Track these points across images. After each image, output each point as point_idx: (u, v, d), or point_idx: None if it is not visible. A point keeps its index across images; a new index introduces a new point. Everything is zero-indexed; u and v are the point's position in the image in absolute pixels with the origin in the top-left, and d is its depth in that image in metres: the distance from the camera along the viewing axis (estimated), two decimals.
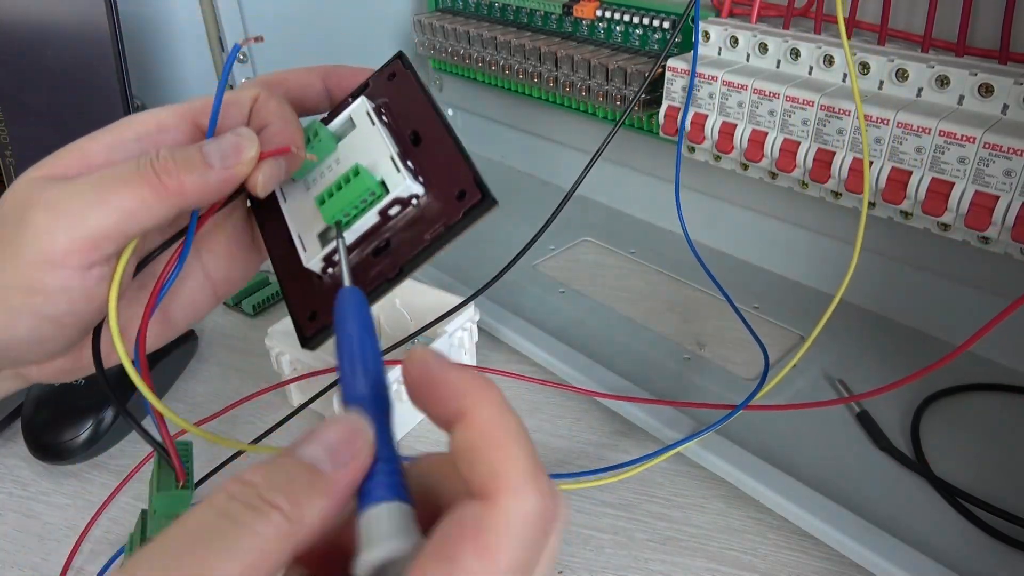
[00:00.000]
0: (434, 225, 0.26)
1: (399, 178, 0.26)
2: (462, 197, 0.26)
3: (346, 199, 0.26)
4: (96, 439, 0.44)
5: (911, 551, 0.35)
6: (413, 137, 0.28)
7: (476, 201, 0.26)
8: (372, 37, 0.79)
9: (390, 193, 0.26)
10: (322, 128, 0.29)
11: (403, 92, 0.30)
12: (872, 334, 0.52)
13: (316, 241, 0.27)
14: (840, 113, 0.43)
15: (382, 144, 0.28)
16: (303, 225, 0.28)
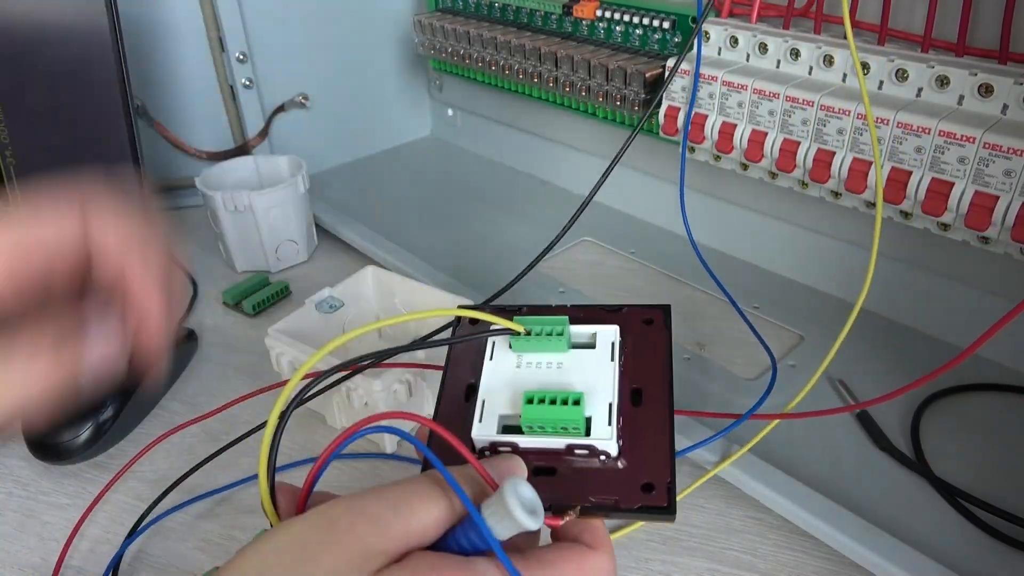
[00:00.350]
0: (606, 494, 0.25)
1: (606, 431, 0.26)
2: (648, 491, 0.26)
3: (551, 416, 0.26)
4: (96, 439, 0.44)
5: (911, 551, 0.35)
6: (635, 395, 0.28)
7: (659, 504, 0.25)
8: (372, 37, 0.79)
9: (589, 437, 0.26)
10: (568, 328, 0.29)
11: (650, 344, 0.30)
12: (872, 334, 0.52)
13: (495, 420, 0.27)
14: (840, 113, 0.43)
15: (609, 385, 0.28)
16: (493, 395, 0.28)
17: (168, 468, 0.44)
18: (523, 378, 0.28)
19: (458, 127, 0.85)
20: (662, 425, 0.27)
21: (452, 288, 0.52)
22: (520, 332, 0.29)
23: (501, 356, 0.29)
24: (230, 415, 0.48)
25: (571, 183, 0.74)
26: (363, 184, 0.77)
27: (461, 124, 0.84)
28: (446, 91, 0.83)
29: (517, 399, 0.27)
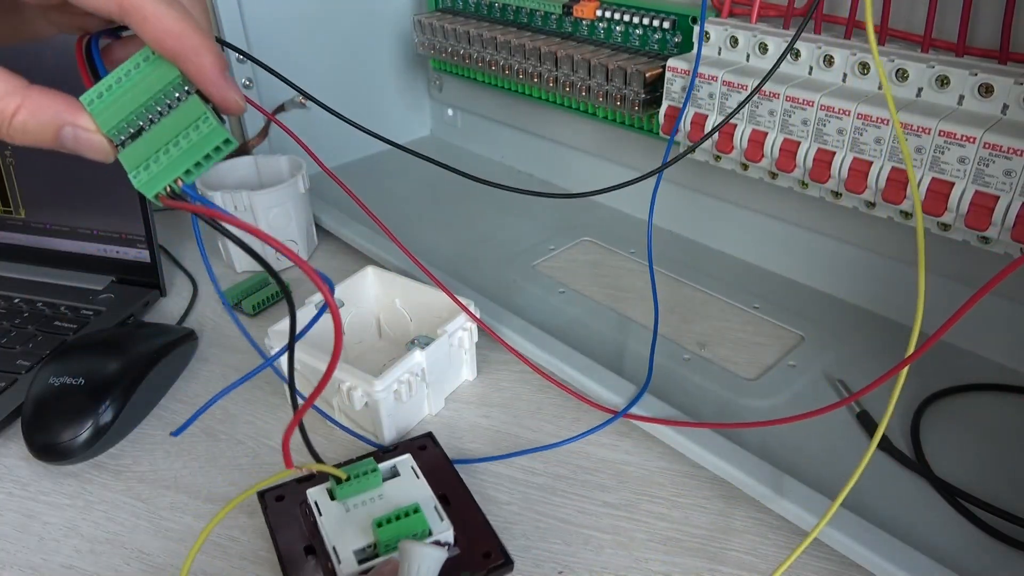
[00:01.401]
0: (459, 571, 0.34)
1: (442, 525, 0.35)
2: (487, 557, 0.35)
3: (403, 528, 0.33)
4: (96, 439, 0.44)
5: (911, 551, 0.35)
6: (442, 498, 0.38)
7: (499, 563, 0.35)
8: (372, 37, 0.79)
9: (432, 536, 0.34)
10: (377, 467, 0.37)
11: (432, 461, 0.41)
12: (872, 334, 0.52)
13: (352, 557, 0.33)
14: (840, 113, 0.43)
15: (428, 495, 0.36)
16: (339, 539, 0.34)
17: (167, 468, 0.44)
18: (359, 516, 0.35)
19: (458, 127, 0.85)
20: (475, 511, 0.38)
21: (452, 288, 0.52)
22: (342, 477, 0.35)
23: (328, 509, 0.35)
24: (230, 414, 0.48)
25: (571, 183, 0.74)
26: (363, 184, 0.77)
27: (461, 124, 0.84)
28: (446, 91, 0.83)
29: (362, 533, 0.34)
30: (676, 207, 0.64)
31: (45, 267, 0.61)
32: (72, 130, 0.24)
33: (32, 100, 0.23)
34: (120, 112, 0.25)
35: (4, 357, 0.51)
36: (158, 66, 0.24)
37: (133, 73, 0.25)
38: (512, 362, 0.52)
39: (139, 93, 0.25)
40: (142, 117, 0.25)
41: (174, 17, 0.23)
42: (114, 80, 0.25)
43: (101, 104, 0.25)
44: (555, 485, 0.42)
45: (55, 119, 0.23)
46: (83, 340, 0.49)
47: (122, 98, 0.24)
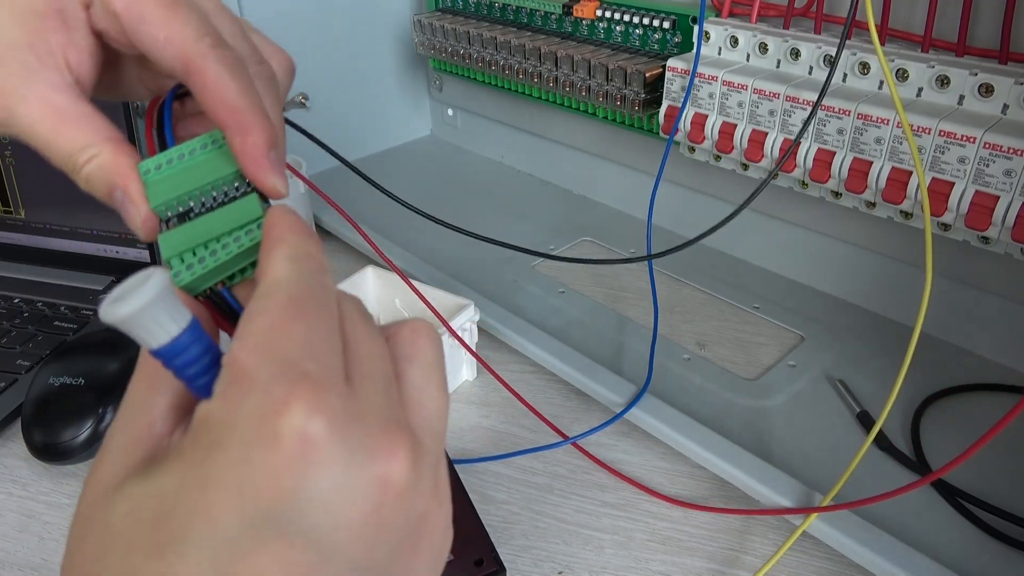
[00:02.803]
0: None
1: None
2: (479, 564, 0.35)
3: None
4: (96, 439, 0.44)
5: (911, 551, 0.35)
6: None
7: (492, 570, 0.35)
8: (372, 37, 0.79)
9: None
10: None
11: None
12: (872, 334, 0.52)
13: None
14: (840, 113, 0.43)
15: None
16: None
17: None
18: None
19: (458, 127, 0.85)
20: (472, 517, 0.37)
21: (452, 288, 0.52)
22: None
23: None
24: None
25: (571, 183, 0.74)
26: (363, 184, 0.77)
27: (461, 124, 0.84)
28: (446, 91, 0.83)
29: None
30: (676, 207, 0.64)
31: (45, 267, 0.61)
32: (121, 195, 0.24)
33: (104, 155, 0.23)
34: (173, 190, 0.23)
35: (4, 357, 0.51)
36: (225, 151, 0.23)
37: (198, 152, 0.23)
38: (512, 362, 0.52)
39: (198, 175, 0.23)
40: (195, 200, 0.23)
41: (235, 90, 0.23)
42: (176, 155, 0.24)
43: (157, 176, 0.23)
44: (554, 485, 0.42)
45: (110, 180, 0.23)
46: (83, 340, 0.49)
47: (179, 176, 0.23)
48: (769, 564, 0.37)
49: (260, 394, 0.16)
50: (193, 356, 0.18)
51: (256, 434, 0.16)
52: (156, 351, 0.18)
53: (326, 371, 0.17)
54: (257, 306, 0.18)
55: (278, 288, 0.19)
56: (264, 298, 0.18)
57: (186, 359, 0.18)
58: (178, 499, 0.16)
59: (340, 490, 0.16)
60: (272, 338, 0.17)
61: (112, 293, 0.17)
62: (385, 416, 0.18)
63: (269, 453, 0.16)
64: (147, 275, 0.17)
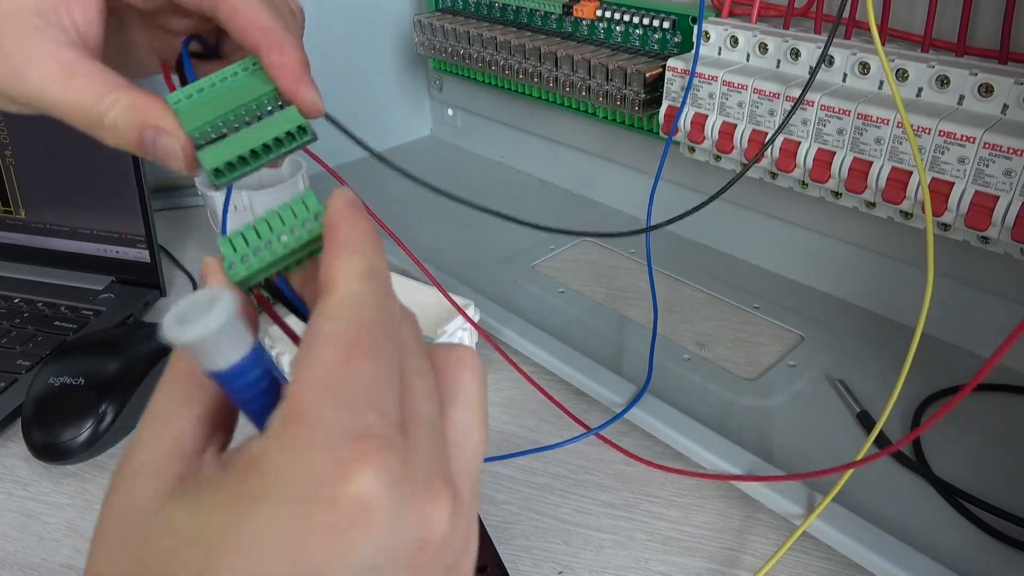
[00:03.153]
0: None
1: None
2: (483, 571, 0.34)
3: None
4: (96, 439, 0.44)
5: (911, 551, 0.35)
6: None
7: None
8: (372, 37, 0.79)
9: None
10: None
11: None
12: (872, 334, 0.52)
13: None
14: (840, 113, 0.43)
15: None
16: None
17: None
18: None
19: (458, 127, 0.85)
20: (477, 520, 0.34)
21: (452, 288, 0.52)
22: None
23: None
24: None
25: (571, 183, 0.74)
26: (363, 184, 0.77)
27: (461, 124, 0.84)
28: (446, 91, 0.83)
29: None
30: (676, 207, 0.64)
31: (45, 267, 0.61)
32: (153, 133, 0.23)
33: (125, 98, 0.23)
34: (207, 113, 0.23)
35: (4, 357, 0.51)
36: (256, 76, 0.24)
37: (228, 79, 0.24)
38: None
39: (231, 98, 0.24)
40: (228, 124, 0.24)
41: (264, 12, 0.24)
42: (207, 84, 0.24)
43: (188, 104, 0.24)
44: (554, 485, 0.43)
45: (140, 119, 0.23)
46: (83, 340, 0.49)
47: (212, 100, 0.23)
48: (769, 564, 0.37)
49: (323, 450, 0.16)
50: (252, 380, 0.18)
51: (315, 494, 0.15)
52: (215, 374, 0.17)
53: (389, 426, 0.17)
54: (325, 329, 0.17)
55: (348, 312, 0.18)
56: (332, 321, 0.17)
57: (244, 383, 0.18)
58: (224, 543, 0.15)
59: (385, 552, 0.16)
60: (339, 377, 0.17)
61: (176, 310, 0.16)
62: (432, 470, 0.17)
63: (325, 515, 0.15)
64: (213, 297, 0.16)
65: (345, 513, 0.15)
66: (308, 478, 0.15)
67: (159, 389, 0.19)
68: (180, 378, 0.19)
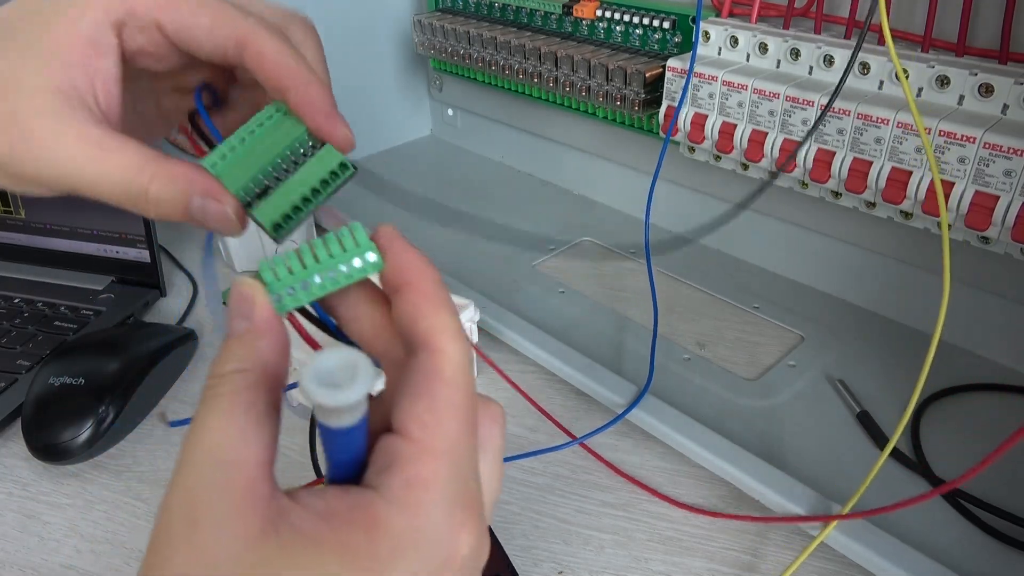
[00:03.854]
0: None
1: None
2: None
3: None
4: (96, 439, 0.44)
5: (911, 551, 0.35)
6: None
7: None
8: (372, 37, 0.79)
9: None
10: None
11: None
12: (872, 334, 0.52)
13: None
14: (840, 113, 0.43)
15: None
16: None
17: (168, 468, 0.44)
18: None
19: (458, 127, 0.85)
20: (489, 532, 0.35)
21: (451, 288, 0.52)
22: None
23: None
24: None
25: (571, 183, 0.74)
26: (363, 184, 0.77)
27: (461, 124, 0.84)
28: (446, 91, 0.83)
29: None
30: (676, 207, 0.64)
31: (45, 267, 0.61)
32: (201, 201, 0.23)
33: (164, 170, 0.23)
34: (247, 170, 0.24)
35: (4, 357, 0.51)
36: (284, 122, 0.24)
37: (257, 131, 0.24)
38: (512, 362, 0.52)
39: (265, 151, 0.24)
40: (269, 176, 0.24)
41: (291, 55, 0.24)
42: (236, 141, 0.24)
43: (225, 165, 0.24)
44: (554, 485, 0.43)
45: (185, 189, 0.23)
46: (83, 340, 0.49)
47: (247, 156, 0.24)
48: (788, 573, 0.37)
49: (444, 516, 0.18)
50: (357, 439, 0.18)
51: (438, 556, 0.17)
52: (335, 430, 0.18)
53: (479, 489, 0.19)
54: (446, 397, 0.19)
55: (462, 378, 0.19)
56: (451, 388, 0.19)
57: (349, 441, 0.18)
58: None
59: None
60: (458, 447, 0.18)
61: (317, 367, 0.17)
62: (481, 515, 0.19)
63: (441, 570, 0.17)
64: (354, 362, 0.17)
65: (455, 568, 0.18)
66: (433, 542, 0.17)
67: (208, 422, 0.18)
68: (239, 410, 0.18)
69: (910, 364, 0.49)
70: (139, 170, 0.23)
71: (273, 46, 0.24)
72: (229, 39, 0.24)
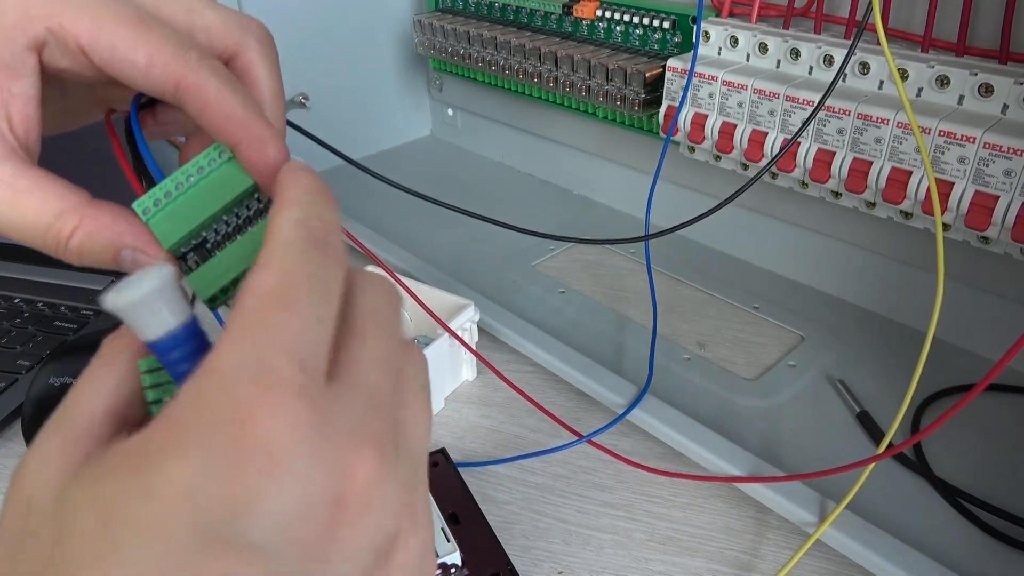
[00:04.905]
0: None
1: (449, 547, 0.34)
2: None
3: None
4: None
5: (911, 551, 0.35)
6: (451, 517, 0.37)
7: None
8: (372, 37, 0.79)
9: (439, 559, 0.34)
10: None
11: (443, 479, 0.40)
12: (872, 334, 0.52)
13: None
14: (840, 113, 0.43)
15: (435, 516, 0.35)
16: None
17: None
18: None
19: (458, 127, 0.85)
20: (485, 529, 0.37)
21: (451, 287, 0.52)
22: None
23: None
24: None
25: (571, 183, 0.74)
26: (363, 184, 0.77)
27: (461, 124, 0.84)
28: (446, 91, 0.83)
29: None
30: (676, 207, 0.64)
31: (45, 267, 0.61)
32: (131, 254, 0.21)
33: (89, 220, 0.21)
34: (184, 225, 0.21)
35: (4, 357, 0.51)
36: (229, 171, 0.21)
37: (197, 178, 0.21)
38: (512, 362, 0.52)
39: (207, 203, 0.21)
40: (209, 233, 0.21)
41: (239, 102, 0.21)
42: (173, 185, 0.21)
43: (161, 215, 0.21)
44: (554, 485, 0.43)
45: (113, 242, 0.21)
46: (83, 340, 0.49)
47: (186, 208, 0.21)
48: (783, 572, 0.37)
49: (224, 397, 0.15)
50: (187, 352, 0.17)
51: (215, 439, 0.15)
52: (152, 343, 0.17)
53: (303, 373, 0.16)
54: (251, 281, 0.17)
55: (275, 259, 0.17)
56: (260, 270, 0.17)
57: (180, 355, 0.17)
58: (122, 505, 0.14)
59: (296, 505, 0.15)
60: (253, 327, 0.16)
61: (119, 283, 0.17)
62: (359, 427, 0.16)
63: (224, 461, 0.14)
64: (151, 270, 0.17)
65: (247, 458, 0.14)
66: (209, 424, 0.15)
67: (76, 382, 0.18)
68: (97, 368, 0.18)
69: (910, 364, 0.49)
70: (58, 217, 0.20)
71: (216, 93, 0.21)
72: (167, 83, 0.21)
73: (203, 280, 0.21)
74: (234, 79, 0.21)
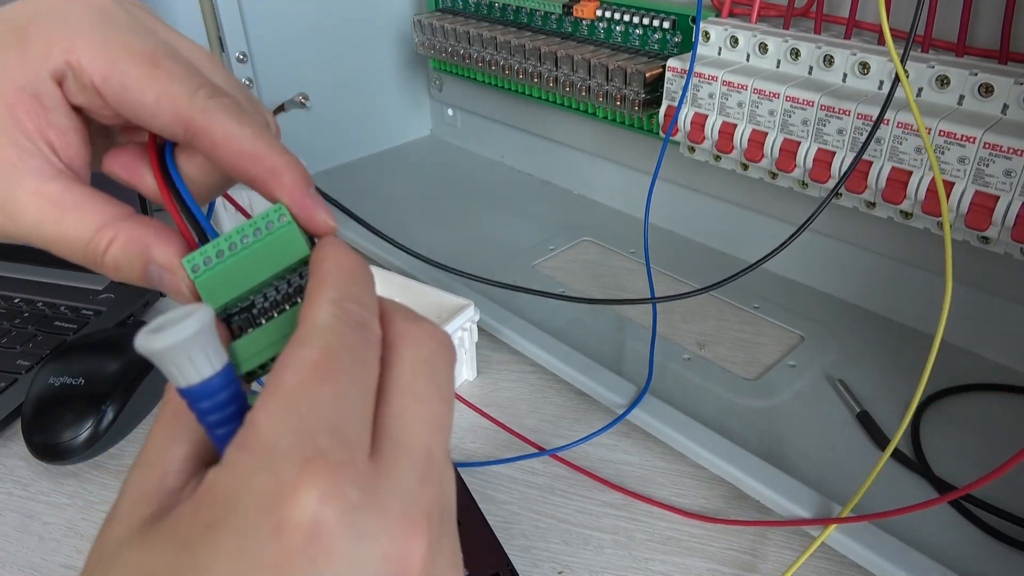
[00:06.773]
0: None
1: None
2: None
3: None
4: (96, 439, 0.44)
5: (911, 551, 0.35)
6: None
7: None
8: (372, 37, 0.79)
9: None
10: None
11: None
12: (872, 334, 0.52)
13: None
14: (840, 113, 0.43)
15: None
16: None
17: None
18: None
19: (458, 127, 0.85)
20: (485, 530, 0.37)
21: (451, 287, 0.52)
22: None
23: None
24: None
25: (571, 183, 0.74)
26: (363, 184, 0.77)
27: (461, 124, 0.84)
28: (446, 91, 0.83)
29: None
30: (676, 207, 0.64)
31: (45, 267, 0.61)
32: (158, 270, 0.21)
33: (124, 232, 0.21)
34: (232, 290, 0.21)
35: (4, 357, 0.51)
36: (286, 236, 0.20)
37: (252, 240, 0.20)
38: (512, 362, 0.52)
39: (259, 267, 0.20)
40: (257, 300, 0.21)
41: (248, 137, 0.20)
42: (227, 244, 0.20)
43: (210, 274, 0.20)
44: (555, 485, 0.43)
45: (143, 255, 0.21)
46: (83, 340, 0.49)
47: (235, 273, 0.20)
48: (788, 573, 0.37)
49: (269, 472, 0.15)
50: (220, 402, 0.17)
51: (259, 520, 0.14)
52: (184, 390, 0.17)
53: (346, 448, 0.15)
54: (289, 357, 0.17)
55: (314, 337, 0.17)
56: (298, 347, 0.17)
57: (212, 404, 0.17)
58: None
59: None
60: (295, 401, 0.16)
61: (152, 323, 0.16)
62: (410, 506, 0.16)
63: (270, 544, 0.14)
64: (189, 311, 0.16)
65: (292, 539, 0.14)
66: (253, 504, 0.14)
67: (151, 431, 0.19)
68: (169, 413, 0.18)
69: (910, 364, 0.49)
70: (96, 230, 0.21)
71: (225, 130, 0.20)
72: (176, 125, 0.21)
73: (247, 351, 0.20)
74: (243, 113, 0.21)
